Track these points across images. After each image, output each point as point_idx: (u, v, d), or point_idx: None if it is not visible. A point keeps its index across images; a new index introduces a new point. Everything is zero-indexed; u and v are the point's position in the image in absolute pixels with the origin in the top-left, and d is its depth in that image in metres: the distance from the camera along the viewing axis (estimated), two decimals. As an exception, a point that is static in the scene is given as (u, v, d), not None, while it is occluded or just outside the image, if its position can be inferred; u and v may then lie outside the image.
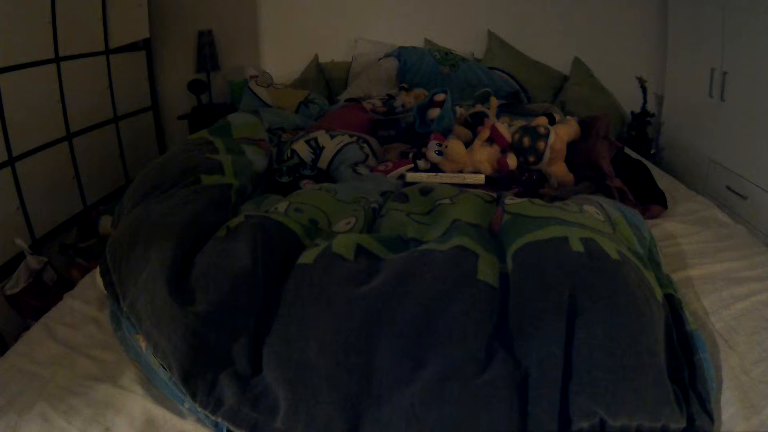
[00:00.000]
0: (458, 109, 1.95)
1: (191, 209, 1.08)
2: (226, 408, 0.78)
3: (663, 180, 1.73)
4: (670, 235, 1.34)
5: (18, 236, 1.83)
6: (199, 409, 0.79)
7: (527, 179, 1.56)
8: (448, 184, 1.45)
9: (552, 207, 1.05)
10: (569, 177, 1.57)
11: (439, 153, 1.62)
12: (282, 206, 1.13)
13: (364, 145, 1.72)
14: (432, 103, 1.89)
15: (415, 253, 0.93)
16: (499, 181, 1.57)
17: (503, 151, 1.61)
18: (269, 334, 0.85)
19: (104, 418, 0.83)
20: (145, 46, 2.87)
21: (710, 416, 0.77)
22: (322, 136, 1.74)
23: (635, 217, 1.14)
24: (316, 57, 3.08)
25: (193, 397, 0.80)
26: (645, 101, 2.91)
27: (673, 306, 0.91)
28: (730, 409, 0.82)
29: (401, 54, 2.83)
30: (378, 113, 2.22)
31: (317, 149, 1.70)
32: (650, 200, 1.48)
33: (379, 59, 2.88)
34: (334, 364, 0.77)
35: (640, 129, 2.90)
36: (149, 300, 0.88)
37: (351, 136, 1.75)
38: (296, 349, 0.80)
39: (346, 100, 2.63)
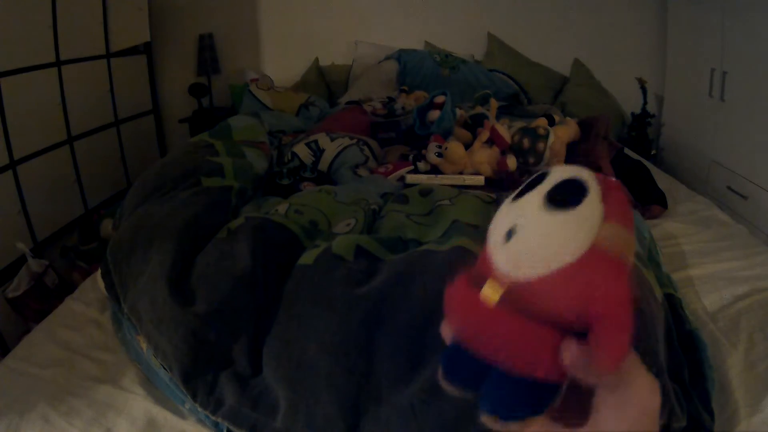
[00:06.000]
0: (458, 111, 1.95)
1: (192, 211, 1.08)
2: (226, 408, 0.78)
3: (663, 180, 1.73)
4: (670, 235, 1.34)
5: (19, 239, 1.83)
6: (199, 409, 0.80)
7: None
8: (448, 185, 1.45)
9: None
10: (569, 178, 1.57)
11: (439, 155, 1.62)
12: (282, 208, 1.14)
13: (365, 147, 1.73)
14: (432, 105, 1.89)
15: (414, 253, 0.93)
16: (498, 183, 1.57)
17: (503, 153, 1.61)
18: (269, 335, 0.85)
19: (105, 419, 0.83)
20: (145, 49, 2.88)
21: (711, 415, 0.77)
22: (323, 139, 1.74)
23: (635, 217, 1.14)
24: (317, 60, 3.09)
25: (194, 397, 0.80)
26: (645, 102, 2.91)
27: (674, 305, 0.91)
28: (730, 407, 0.82)
29: (401, 56, 2.83)
30: (378, 115, 2.23)
31: (317, 151, 1.70)
32: (650, 200, 1.48)
33: (380, 62, 2.89)
34: (333, 364, 0.77)
35: (641, 130, 2.90)
36: (150, 301, 0.88)
37: (351, 138, 1.76)
38: (296, 349, 0.80)
39: (347, 103, 2.64)
